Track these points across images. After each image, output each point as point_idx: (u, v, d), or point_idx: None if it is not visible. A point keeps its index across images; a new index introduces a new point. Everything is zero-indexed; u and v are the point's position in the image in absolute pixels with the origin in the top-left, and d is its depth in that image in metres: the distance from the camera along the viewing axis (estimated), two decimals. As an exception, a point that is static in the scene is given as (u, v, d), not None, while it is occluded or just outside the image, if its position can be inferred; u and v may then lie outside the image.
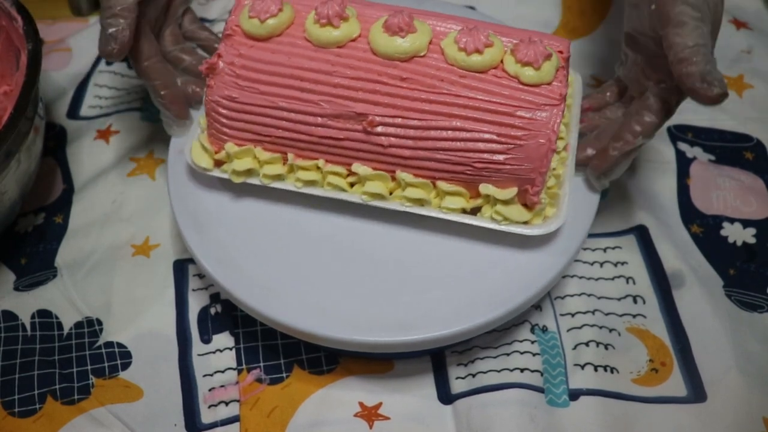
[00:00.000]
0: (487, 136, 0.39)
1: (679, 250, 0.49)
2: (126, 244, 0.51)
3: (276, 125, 0.41)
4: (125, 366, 0.46)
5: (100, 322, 0.48)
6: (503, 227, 0.41)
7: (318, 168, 0.42)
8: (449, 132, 0.39)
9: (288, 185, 0.42)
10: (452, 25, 0.41)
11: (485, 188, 0.40)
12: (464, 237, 0.42)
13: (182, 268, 0.50)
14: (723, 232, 0.51)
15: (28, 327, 0.47)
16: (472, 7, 0.61)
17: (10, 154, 0.45)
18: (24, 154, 0.46)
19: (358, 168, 0.41)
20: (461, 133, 0.39)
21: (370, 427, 0.43)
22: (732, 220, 0.51)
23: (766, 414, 0.43)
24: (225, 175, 0.43)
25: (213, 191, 0.44)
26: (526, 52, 0.38)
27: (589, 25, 0.63)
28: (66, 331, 0.47)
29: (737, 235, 0.51)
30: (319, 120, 0.40)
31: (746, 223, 0.51)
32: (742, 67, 0.60)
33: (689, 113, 0.57)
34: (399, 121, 0.39)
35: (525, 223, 0.41)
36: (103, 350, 0.46)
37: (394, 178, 0.41)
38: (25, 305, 0.48)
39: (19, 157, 0.46)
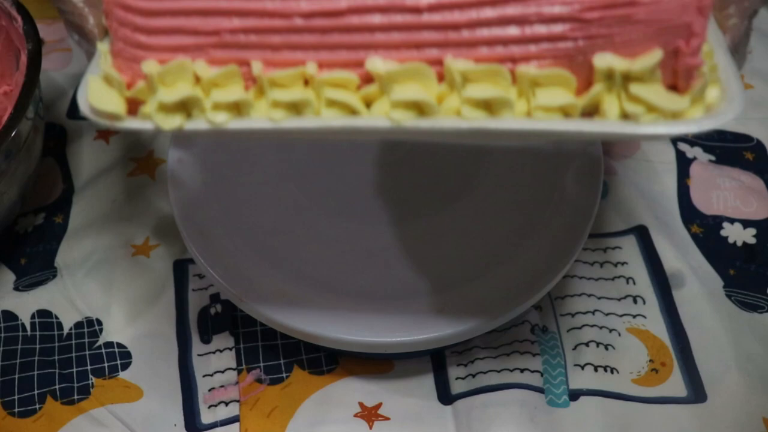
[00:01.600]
0: None
1: (679, 251, 0.49)
2: (126, 244, 0.51)
3: (226, 10, 0.24)
4: (125, 366, 0.46)
5: (99, 322, 0.48)
6: (650, 128, 0.23)
7: (306, 80, 0.25)
8: None
9: (258, 121, 0.25)
10: None
11: (603, 60, 0.23)
12: (464, 236, 0.42)
13: (182, 268, 0.50)
14: (723, 233, 0.51)
15: (28, 327, 0.47)
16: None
17: (10, 154, 0.45)
18: (24, 154, 0.46)
19: (377, 64, 0.24)
20: None
21: (370, 428, 0.43)
22: (732, 221, 0.51)
23: (766, 414, 0.43)
24: (147, 125, 0.25)
25: (214, 195, 0.44)
26: None
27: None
28: (66, 331, 0.47)
29: (737, 235, 0.51)
30: None
31: (746, 224, 0.51)
32: (742, 67, 0.60)
33: (689, 113, 0.57)
34: None
35: (675, 116, 0.23)
36: (103, 350, 0.46)
37: (441, 74, 0.24)
38: (24, 305, 0.48)
39: (19, 157, 0.46)
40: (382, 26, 0.24)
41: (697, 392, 0.44)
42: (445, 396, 0.44)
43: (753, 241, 0.50)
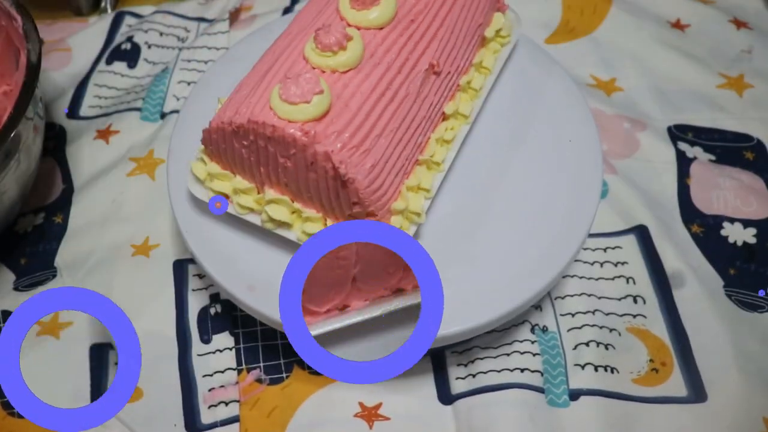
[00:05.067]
0: None
1: (679, 250, 0.49)
2: (126, 244, 0.51)
3: (400, 143, 0.39)
4: (125, 366, 0.46)
5: (99, 322, 0.48)
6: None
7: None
8: None
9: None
10: None
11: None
12: (463, 236, 0.42)
13: (182, 268, 0.50)
14: (723, 232, 0.51)
15: (28, 327, 0.47)
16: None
17: (9, 154, 0.45)
18: (24, 154, 0.46)
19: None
20: None
21: (370, 428, 0.43)
22: (732, 220, 0.51)
23: (766, 414, 0.43)
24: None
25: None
26: None
27: (589, 25, 0.63)
28: (66, 331, 0.47)
29: (737, 235, 0.51)
30: (417, 99, 0.40)
31: (746, 223, 0.51)
32: (742, 67, 0.60)
33: (690, 113, 0.57)
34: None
35: None
36: (103, 350, 0.46)
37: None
38: (24, 305, 0.48)
39: (18, 157, 0.46)
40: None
41: (697, 392, 0.44)
42: (445, 396, 0.44)
43: (753, 240, 0.50)
